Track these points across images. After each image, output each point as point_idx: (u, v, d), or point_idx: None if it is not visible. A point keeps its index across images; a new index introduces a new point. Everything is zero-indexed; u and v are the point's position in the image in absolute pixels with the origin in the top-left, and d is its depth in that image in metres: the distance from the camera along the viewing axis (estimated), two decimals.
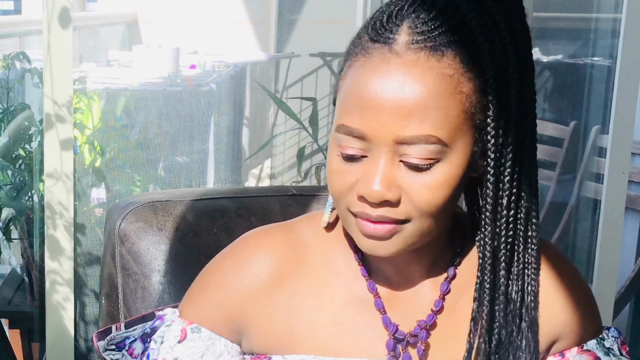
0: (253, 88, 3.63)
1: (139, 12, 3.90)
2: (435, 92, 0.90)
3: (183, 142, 2.86)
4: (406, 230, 0.94)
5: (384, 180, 0.91)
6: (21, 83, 2.37)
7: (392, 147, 0.91)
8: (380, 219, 0.93)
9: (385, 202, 0.92)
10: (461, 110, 0.91)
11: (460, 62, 0.91)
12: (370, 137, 0.91)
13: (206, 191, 1.46)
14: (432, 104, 0.90)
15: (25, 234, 2.32)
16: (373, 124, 0.91)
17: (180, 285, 1.28)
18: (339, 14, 3.75)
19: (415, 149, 0.90)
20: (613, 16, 2.69)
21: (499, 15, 0.93)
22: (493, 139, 0.93)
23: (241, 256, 1.05)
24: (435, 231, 0.96)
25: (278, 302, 1.03)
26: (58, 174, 1.92)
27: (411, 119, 0.90)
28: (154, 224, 1.34)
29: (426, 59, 0.90)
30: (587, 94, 2.97)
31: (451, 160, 0.92)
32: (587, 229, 2.79)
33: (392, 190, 0.92)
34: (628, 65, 2.15)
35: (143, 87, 2.92)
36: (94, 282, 2.30)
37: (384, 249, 0.95)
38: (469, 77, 0.92)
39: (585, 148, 2.98)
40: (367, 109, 0.91)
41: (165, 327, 1.04)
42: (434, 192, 0.92)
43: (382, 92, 0.90)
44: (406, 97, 0.90)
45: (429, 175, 0.92)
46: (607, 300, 2.25)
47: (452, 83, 0.91)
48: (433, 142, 0.90)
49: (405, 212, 0.93)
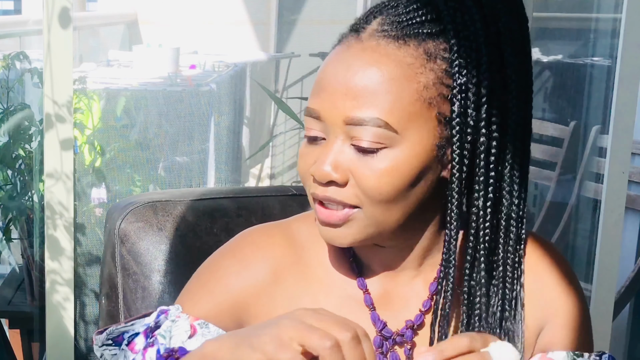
0: (253, 88, 3.63)
1: (139, 12, 3.90)
2: (388, 77, 0.92)
3: (183, 142, 2.86)
4: (358, 218, 0.95)
5: (332, 160, 0.93)
6: (21, 83, 2.37)
7: (343, 129, 0.93)
8: (327, 200, 0.95)
9: (333, 183, 0.94)
10: (416, 99, 0.92)
11: (424, 53, 0.93)
12: (324, 118, 0.94)
13: (206, 191, 1.46)
14: (383, 88, 0.91)
15: (25, 234, 2.32)
16: (326, 104, 0.94)
17: (180, 285, 1.28)
18: (339, 14, 3.75)
19: (364, 132, 0.92)
20: (613, 16, 2.68)
21: (476, 15, 0.94)
22: (457, 134, 0.93)
23: (240, 254, 1.05)
24: (393, 223, 0.95)
25: (276, 300, 1.03)
26: (58, 174, 1.92)
27: (360, 100, 0.92)
28: (154, 224, 1.34)
29: (385, 46, 0.93)
30: (587, 94, 2.97)
31: (402, 149, 0.92)
32: (587, 229, 2.79)
33: (340, 172, 0.93)
34: (628, 65, 2.14)
35: (143, 87, 2.92)
36: (94, 282, 2.30)
37: (341, 238, 0.96)
38: (431, 68, 0.93)
39: (585, 148, 2.97)
40: (323, 89, 0.94)
41: (170, 322, 1.03)
42: (380, 177, 0.92)
43: (335, 74, 0.94)
44: (357, 79, 0.92)
45: (376, 160, 0.92)
46: (607, 300, 2.25)
47: (408, 71, 0.92)
48: (380, 126, 0.91)
49: (353, 196, 0.94)
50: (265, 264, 1.04)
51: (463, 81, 0.93)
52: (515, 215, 0.98)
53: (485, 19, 0.94)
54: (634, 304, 2.98)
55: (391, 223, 0.95)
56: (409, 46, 0.93)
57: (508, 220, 0.98)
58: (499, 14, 0.95)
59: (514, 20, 0.96)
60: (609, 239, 2.22)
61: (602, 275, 2.23)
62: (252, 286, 1.04)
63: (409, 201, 0.95)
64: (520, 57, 0.97)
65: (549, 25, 3.31)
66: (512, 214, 0.98)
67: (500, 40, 0.95)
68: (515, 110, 0.96)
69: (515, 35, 0.96)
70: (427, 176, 0.95)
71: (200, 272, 1.08)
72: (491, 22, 0.94)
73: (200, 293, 1.06)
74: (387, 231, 0.96)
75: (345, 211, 0.95)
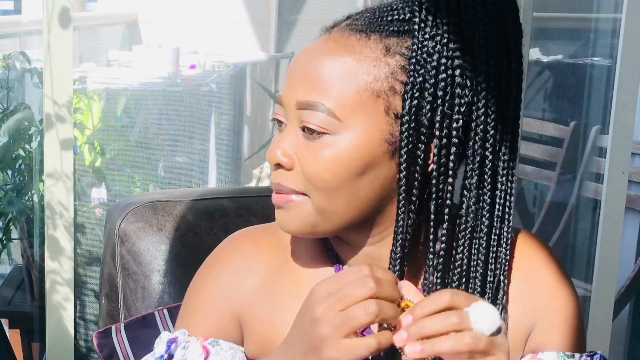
0: (253, 88, 3.63)
1: (139, 12, 3.90)
2: (339, 66, 0.94)
3: (183, 142, 2.86)
4: (305, 205, 0.96)
5: (282, 145, 0.96)
6: (21, 83, 2.37)
7: (296, 113, 0.96)
8: (278, 187, 0.97)
9: (280, 167, 0.96)
10: (363, 90, 0.93)
11: (384, 48, 0.94)
12: (284, 102, 0.97)
13: (206, 191, 1.46)
14: (333, 76, 0.94)
15: (25, 234, 2.31)
16: (286, 90, 0.97)
17: (180, 285, 1.28)
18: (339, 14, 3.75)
19: (311, 116, 0.94)
20: (613, 16, 2.68)
21: (451, 19, 0.93)
22: (405, 132, 0.93)
23: (229, 264, 1.05)
24: (341, 215, 0.96)
25: (267, 305, 1.03)
26: (58, 174, 1.92)
27: (310, 85, 0.94)
28: (154, 224, 1.35)
29: (347, 37, 0.96)
30: (587, 94, 2.97)
31: (345, 138, 0.93)
32: (587, 229, 2.79)
33: (287, 157, 0.96)
34: (628, 65, 2.14)
35: (143, 87, 2.92)
36: (94, 282, 2.30)
37: (288, 222, 0.98)
38: (387, 63, 0.94)
39: (585, 148, 2.97)
40: (288, 76, 0.98)
41: (182, 350, 1.03)
42: (319, 163, 0.94)
43: (297, 61, 0.98)
44: (311, 65, 0.95)
45: (317, 145, 0.94)
46: (607, 300, 2.25)
47: (362, 62, 0.94)
48: (324, 111, 0.93)
49: (299, 182, 0.96)
50: (255, 271, 1.04)
51: (418, 80, 0.93)
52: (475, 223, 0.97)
53: (460, 24, 0.93)
54: (634, 304, 2.98)
55: (339, 214, 0.96)
56: (369, 39, 0.95)
57: (465, 231, 0.97)
58: (479, 19, 0.94)
59: (497, 26, 0.95)
60: (609, 239, 2.22)
61: (602, 275, 2.23)
62: (245, 293, 1.04)
63: (356, 194, 0.95)
64: (500, 63, 0.95)
65: (548, 25, 3.31)
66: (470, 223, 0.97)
67: (475, 46, 0.94)
68: (483, 119, 0.94)
69: (497, 40, 0.95)
70: (375, 170, 0.95)
71: (195, 289, 1.07)
72: (467, 28, 0.94)
73: (201, 312, 1.05)
74: (338, 222, 0.97)
75: (291, 196, 0.97)
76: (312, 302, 0.88)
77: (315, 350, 0.86)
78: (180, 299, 1.10)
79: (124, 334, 1.26)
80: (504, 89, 0.96)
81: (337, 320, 0.85)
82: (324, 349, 0.86)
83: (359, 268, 0.88)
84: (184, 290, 1.09)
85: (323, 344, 0.86)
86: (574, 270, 2.72)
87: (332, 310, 0.85)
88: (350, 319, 0.85)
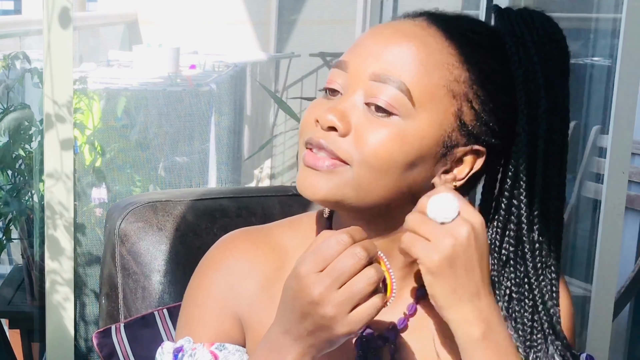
0: (253, 88, 3.63)
1: (139, 12, 3.90)
2: (425, 54, 0.93)
3: (183, 142, 2.86)
4: (343, 173, 0.93)
5: (342, 110, 0.93)
6: (21, 83, 2.37)
7: (366, 84, 0.93)
8: (320, 146, 0.93)
9: (333, 130, 0.93)
10: (443, 85, 0.93)
11: (464, 54, 0.94)
12: (352, 69, 0.94)
13: (206, 191, 1.46)
14: (417, 61, 0.92)
15: (25, 234, 2.32)
16: (358, 58, 0.94)
17: (181, 285, 1.28)
18: (339, 14, 3.75)
19: (385, 90, 0.92)
20: (613, 16, 2.68)
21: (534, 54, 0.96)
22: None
23: (226, 265, 1.04)
24: (374, 197, 0.94)
25: (264, 308, 1.02)
26: (58, 174, 1.92)
27: (391, 63, 0.93)
28: (154, 224, 1.35)
29: (434, 31, 0.94)
30: (587, 94, 2.97)
31: (412, 124, 0.92)
32: (587, 229, 2.78)
33: (344, 123, 0.93)
34: (628, 65, 2.14)
35: (143, 87, 2.92)
36: (94, 282, 2.30)
37: (316, 187, 0.94)
38: (467, 69, 0.93)
39: (585, 148, 2.97)
40: (360, 45, 0.95)
41: (190, 358, 1.01)
42: (381, 141, 0.92)
43: (378, 34, 0.95)
44: (396, 45, 0.93)
45: (382, 123, 0.92)
46: (607, 300, 2.25)
47: (445, 59, 0.93)
48: (402, 91, 0.92)
49: (347, 150, 0.93)
50: (253, 274, 1.04)
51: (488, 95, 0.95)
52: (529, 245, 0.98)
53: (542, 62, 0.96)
54: (634, 304, 2.98)
55: (373, 194, 0.94)
56: (454, 42, 0.94)
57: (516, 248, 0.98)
58: (549, 61, 0.96)
59: (557, 68, 0.97)
60: (609, 239, 2.22)
61: (602, 275, 2.23)
62: (245, 296, 1.03)
63: (397, 181, 0.94)
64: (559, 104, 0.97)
65: None
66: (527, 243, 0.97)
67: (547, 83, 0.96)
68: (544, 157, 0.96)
69: (557, 81, 0.97)
70: (422, 167, 0.94)
71: (194, 294, 1.06)
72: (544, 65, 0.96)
73: (202, 316, 1.04)
74: (367, 202, 0.95)
75: (334, 161, 0.93)
76: (302, 284, 0.86)
77: (323, 329, 0.87)
78: (180, 298, 1.10)
79: (124, 333, 1.26)
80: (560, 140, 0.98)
81: (341, 298, 0.85)
82: (334, 326, 0.86)
83: (337, 239, 0.86)
84: (184, 290, 1.09)
85: (331, 322, 0.86)
86: (574, 270, 2.72)
87: (331, 290, 0.85)
88: (354, 294, 0.85)
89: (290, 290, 0.88)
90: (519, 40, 0.95)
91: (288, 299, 0.89)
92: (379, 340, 1.00)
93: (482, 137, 0.95)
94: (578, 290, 2.56)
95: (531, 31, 0.96)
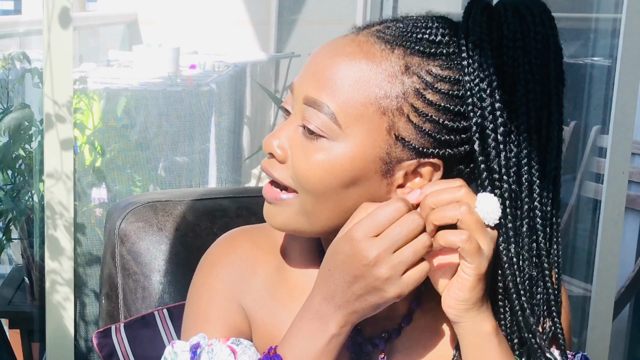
0: (253, 88, 3.63)
1: (139, 12, 3.90)
2: (354, 72, 0.92)
3: (183, 142, 2.86)
4: (292, 204, 0.95)
5: (281, 136, 0.96)
6: (21, 83, 2.37)
7: (301, 108, 0.94)
8: (266, 170, 0.97)
9: (273, 157, 0.96)
10: (370, 103, 0.92)
11: (403, 65, 0.92)
12: (294, 90, 0.96)
13: (206, 191, 1.46)
14: (345, 81, 0.92)
15: (25, 234, 2.31)
16: (300, 79, 0.96)
17: (181, 285, 1.29)
18: (339, 14, 3.75)
19: (314, 116, 0.93)
20: (613, 16, 2.68)
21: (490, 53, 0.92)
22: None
23: (230, 261, 1.05)
24: (324, 221, 0.95)
25: (266, 306, 1.03)
26: (58, 174, 1.92)
27: (322, 82, 0.93)
28: (154, 224, 1.35)
29: (372, 44, 0.94)
30: (587, 94, 2.97)
31: (340, 146, 0.92)
32: (587, 229, 2.78)
33: (282, 149, 0.95)
34: (628, 65, 2.15)
35: (143, 87, 2.92)
36: (94, 282, 2.30)
37: (273, 217, 0.98)
38: (402, 81, 0.92)
39: (585, 148, 2.97)
40: (306, 66, 0.97)
41: (208, 354, 1.01)
42: (310, 165, 0.93)
43: (318, 54, 0.96)
44: (328, 63, 0.94)
45: (313, 146, 0.93)
46: (607, 300, 2.25)
47: (377, 74, 0.92)
48: (327, 114, 0.92)
49: (289, 177, 0.95)
50: (255, 271, 1.04)
51: (478, 122, 0.92)
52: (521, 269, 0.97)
53: (502, 66, 0.93)
54: (634, 304, 2.98)
55: (323, 219, 0.95)
56: (392, 52, 0.93)
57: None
58: (519, 63, 0.93)
59: (538, 72, 0.94)
60: (609, 239, 2.22)
61: (602, 275, 2.23)
62: (248, 292, 1.04)
63: (342, 203, 0.94)
64: (541, 114, 0.95)
65: None
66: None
67: (517, 92, 0.93)
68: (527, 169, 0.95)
69: (539, 88, 0.94)
70: (364, 185, 0.94)
71: (199, 292, 1.06)
72: (508, 64, 0.93)
73: (212, 313, 1.04)
74: (321, 226, 0.96)
75: (281, 194, 0.96)
76: (357, 247, 0.89)
77: (374, 291, 0.90)
78: (180, 298, 1.10)
79: (124, 333, 1.26)
80: (543, 140, 0.97)
81: (395, 261, 0.89)
82: (386, 288, 0.90)
83: (394, 206, 0.90)
84: (184, 290, 1.09)
85: (384, 284, 0.89)
86: (574, 270, 2.72)
87: (387, 253, 0.89)
88: (409, 257, 0.89)
89: (342, 255, 0.91)
90: (477, 40, 0.92)
91: (337, 263, 0.91)
92: (371, 346, 1.01)
93: (430, 149, 0.93)
94: (578, 290, 2.56)
95: (500, 26, 0.93)
